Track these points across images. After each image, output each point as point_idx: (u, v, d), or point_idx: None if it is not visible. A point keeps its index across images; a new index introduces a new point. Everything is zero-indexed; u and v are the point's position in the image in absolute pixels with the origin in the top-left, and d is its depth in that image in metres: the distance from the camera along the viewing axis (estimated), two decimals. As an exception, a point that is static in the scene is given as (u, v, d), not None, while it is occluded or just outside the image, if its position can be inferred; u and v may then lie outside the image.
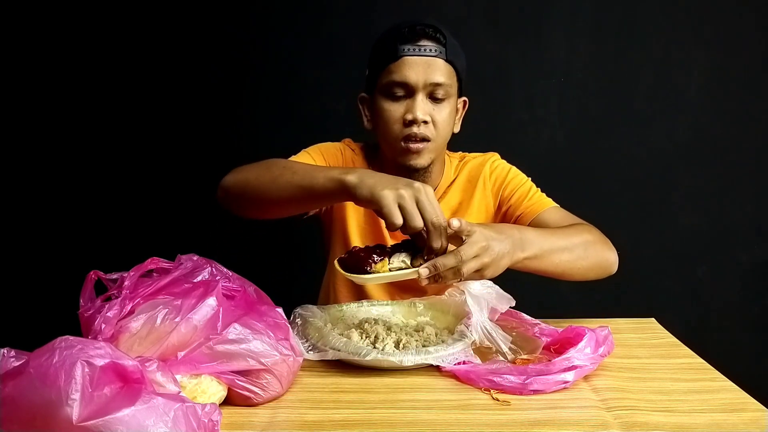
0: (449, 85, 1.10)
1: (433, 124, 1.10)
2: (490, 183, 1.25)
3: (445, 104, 1.11)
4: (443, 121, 1.12)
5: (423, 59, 1.07)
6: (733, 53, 1.82)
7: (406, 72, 1.07)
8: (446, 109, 1.12)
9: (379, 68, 1.11)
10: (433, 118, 1.10)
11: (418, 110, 1.08)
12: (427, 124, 1.09)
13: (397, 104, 1.10)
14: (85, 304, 0.76)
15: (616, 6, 1.80)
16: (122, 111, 1.89)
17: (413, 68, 1.07)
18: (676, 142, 1.88)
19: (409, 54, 1.07)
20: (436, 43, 1.08)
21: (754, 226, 1.93)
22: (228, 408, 0.77)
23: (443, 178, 1.25)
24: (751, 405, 0.80)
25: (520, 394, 0.82)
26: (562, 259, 0.99)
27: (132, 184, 1.93)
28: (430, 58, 1.07)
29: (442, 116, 1.11)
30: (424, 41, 1.08)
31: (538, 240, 0.96)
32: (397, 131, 1.11)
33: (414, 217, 0.80)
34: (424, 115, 1.08)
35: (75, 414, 0.56)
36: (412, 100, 1.09)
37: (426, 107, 1.09)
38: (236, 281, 0.85)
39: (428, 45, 1.08)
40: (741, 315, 1.98)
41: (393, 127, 1.11)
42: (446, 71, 1.09)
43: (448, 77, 1.10)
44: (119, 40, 1.84)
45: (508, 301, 0.93)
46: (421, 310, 1.08)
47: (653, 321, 1.15)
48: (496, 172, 1.26)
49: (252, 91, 1.87)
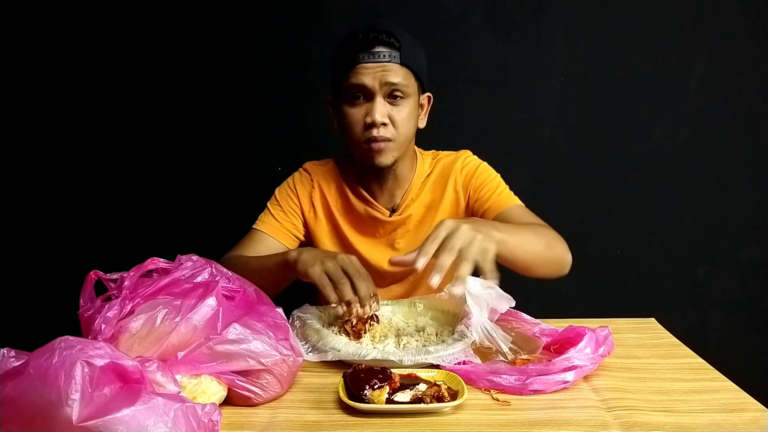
0: (406, 85, 1.14)
1: (393, 124, 1.15)
2: (461, 178, 1.29)
3: (404, 104, 1.15)
4: (403, 120, 1.16)
5: (378, 65, 1.11)
6: (733, 53, 1.82)
7: (362, 78, 1.12)
8: (406, 109, 1.16)
9: (339, 75, 1.15)
10: (392, 119, 1.15)
11: (377, 113, 1.12)
12: (387, 125, 1.14)
13: (357, 108, 1.15)
14: (85, 304, 0.76)
15: (616, 6, 1.80)
16: (122, 111, 1.89)
17: (369, 73, 1.11)
18: (676, 142, 1.88)
19: (364, 61, 1.11)
20: (390, 48, 1.12)
21: (754, 226, 1.93)
22: (228, 408, 0.78)
23: (415, 174, 1.29)
24: (751, 405, 0.80)
25: (520, 394, 0.82)
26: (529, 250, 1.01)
27: (132, 185, 1.93)
28: (384, 63, 1.11)
29: (402, 116, 1.15)
30: (378, 47, 1.12)
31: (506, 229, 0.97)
32: (359, 134, 1.16)
33: (344, 288, 0.92)
34: (383, 117, 1.13)
35: (75, 414, 0.56)
36: (371, 103, 1.14)
37: (384, 109, 1.14)
38: (236, 281, 0.85)
39: (382, 51, 1.11)
40: (741, 315, 1.98)
41: (355, 130, 1.16)
42: (402, 73, 1.13)
43: (404, 78, 1.14)
44: (120, 40, 1.84)
45: (508, 301, 0.93)
46: (421, 310, 1.08)
47: (653, 321, 1.15)
48: (467, 168, 1.29)
49: (252, 92, 1.87)
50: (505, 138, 1.88)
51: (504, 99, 1.86)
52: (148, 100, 1.88)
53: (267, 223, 1.27)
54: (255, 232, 1.27)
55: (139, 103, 1.88)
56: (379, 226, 1.28)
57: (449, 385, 0.81)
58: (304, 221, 1.30)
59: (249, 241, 1.25)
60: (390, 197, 1.28)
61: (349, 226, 1.28)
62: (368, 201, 1.26)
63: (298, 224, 1.29)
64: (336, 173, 1.31)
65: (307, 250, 1.01)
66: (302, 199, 1.30)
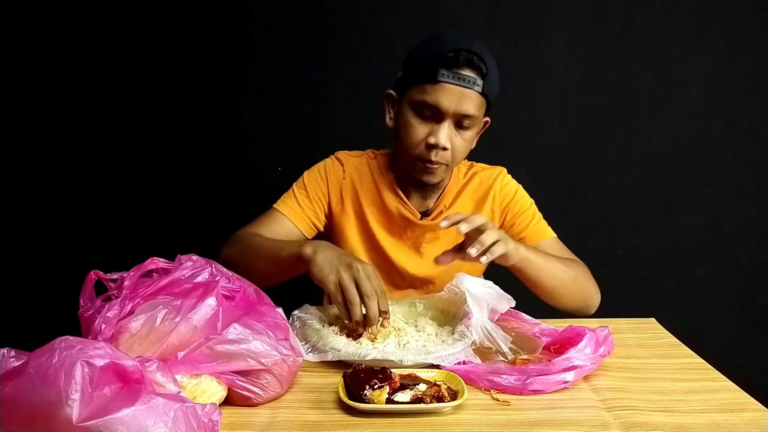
0: (477, 116, 1.11)
1: (452, 149, 1.12)
2: (499, 199, 1.27)
3: (469, 132, 1.13)
4: (462, 148, 1.14)
5: (459, 89, 1.06)
6: (733, 54, 1.82)
7: (440, 98, 1.06)
8: (468, 136, 1.13)
9: (414, 82, 1.10)
10: (453, 145, 1.11)
11: (442, 137, 1.09)
12: (447, 150, 1.11)
13: (423, 124, 1.11)
14: (85, 304, 0.76)
15: (616, 6, 1.80)
16: (122, 111, 1.89)
17: (448, 96, 1.06)
18: (676, 142, 1.88)
19: (447, 81, 1.05)
20: (477, 74, 1.07)
21: (754, 226, 1.93)
22: (228, 408, 0.78)
23: (450, 182, 1.27)
24: (751, 405, 0.80)
25: (520, 394, 0.82)
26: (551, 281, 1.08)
27: (132, 185, 1.93)
28: (466, 90, 1.06)
29: (463, 144, 1.13)
30: (466, 70, 1.06)
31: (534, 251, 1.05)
32: (416, 149, 1.13)
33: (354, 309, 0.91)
34: (446, 141, 1.10)
35: (75, 414, 0.56)
36: (439, 125, 1.09)
37: (449, 133, 1.10)
38: (236, 281, 0.85)
39: (468, 75, 1.06)
40: (741, 315, 1.98)
41: (414, 142, 1.12)
42: (479, 103, 1.09)
43: (479, 109, 1.10)
44: (120, 41, 1.84)
45: (508, 301, 0.93)
46: (421, 310, 1.08)
47: (653, 321, 1.16)
48: (505, 190, 1.28)
49: (252, 91, 1.87)
50: (505, 138, 1.88)
51: (504, 99, 1.86)
52: (148, 100, 1.87)
53: (289, 206, 1.23)
54: (274, 212, 1.22)
55: (139, 103, 1.88)
56: (408, 227, 1.25)
57: (449, 385, 0.81)
58: (329, 212, 1.26)
59: (266, 219, 1.21)
60: (423, 200, 1.25)
61: (378, 224, 1.25)
62: (402, 200, 1.23)
63: (321, 214, 1.25)
64: (369, 167, 1.27)
65: (322, 250, 0.96)
66: (331, 188, 1.25)
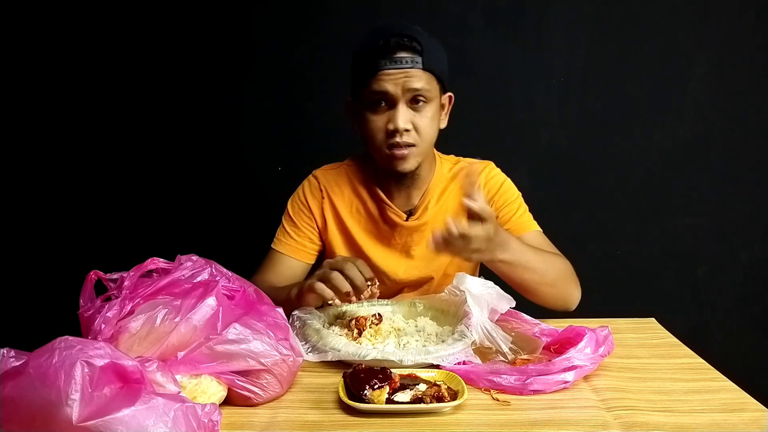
0: (428, 90, 1.12)
1: (416, 129, 1.13)
2: (484, 191, 1.26)
3: (427, 108, 1.13)
4: (426, 126, 1.14)
5: (400, 71, 1.08)
6: (733, 53, 1.82)
7: (384, 85, 1.09)
8: (428, 113, 1.14)
9: (360, 80, 1.13)
10: (415, 125, 1.12)
11: (400, 120, 1.10)
12: (409, 131, 1.12)
13: (379, 115, 1.13)
14: (85, 304, 0.76)
15: (616, 6, 1.80)
16: (123, 112, 1.89)
17: (390, 81, 1.09)
18: (676, 142, 1.88)
19: (386, 68, 1.08)
20: (413, 53, 1.09)
21: (753, 226, 1.93)
22: (228, 408, 0.78)
23: (434, 177, 1.27)
24: (751, 405, 0.80)
25: (520, 394, 0.82)
26: (531, 277, 1.05)
27: (132, 184, 1.93)
28: (407, 69, 1.09)
29: (425, 121, 1.13)
30: (401, 53, 1.09)
31: (519, 250, 1.02)
32: (381, 140, 1.14)
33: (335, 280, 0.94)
34: (405, 123, 1.11)
35: (75, 414, 0.56)
36: (394, 110, 1.11)
37: (407, 115, 1.11)
38: (236, 281, 0.85)
39: (405, 56, 1.09)
40: (741, 315, 1.98)
41: (377, 136, 1.14)
42: (425, 78, 1.10)
43: (427, 82, 1.11)
44: (120, 41, 1.84)
45: (508, 301, 0.93)
46: (421, 310, 1.08)
47: (653, 321, 1.15)
48: (491, 182, 1.27)
49: (253, 92, 1.87)
50: (505, 138, 1.88)
51: (504, 99, 1.86)
52: (148, 100, 1.88)
53: (284, 243, 1.27)
54: (274, 254, 1.26)
55: (139, 103, 1.88)
56: (395, 231, 1.25)
57: (449, 385, 0.81)
58: (320, 234, 1.29)
59: (270, 264, 1.26)
60: (407, 199, 1.25)
61: (363, 233, 1.26)
62: (384, 202, 1.24)
63: (314, 237, 1.28)
64: (348, 177, 1.29)
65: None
66: (314, 212, 1.28)
